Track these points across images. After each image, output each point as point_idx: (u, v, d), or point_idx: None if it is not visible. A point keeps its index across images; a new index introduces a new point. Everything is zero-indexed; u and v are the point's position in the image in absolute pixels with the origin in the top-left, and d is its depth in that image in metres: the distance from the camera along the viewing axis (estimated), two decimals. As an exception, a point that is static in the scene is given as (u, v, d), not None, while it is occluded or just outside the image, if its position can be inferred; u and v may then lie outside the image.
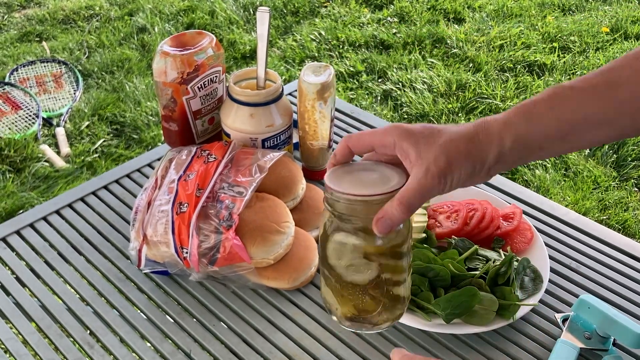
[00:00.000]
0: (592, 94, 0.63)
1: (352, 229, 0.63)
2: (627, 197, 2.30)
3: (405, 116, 2.73)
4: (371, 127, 1.27)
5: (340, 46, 3.23)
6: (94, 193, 1.11)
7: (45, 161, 2.49)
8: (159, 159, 1.18)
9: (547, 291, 0.93)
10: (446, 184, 0.62)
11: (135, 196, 1.10)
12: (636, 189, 2.36)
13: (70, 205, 1.09)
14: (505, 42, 3.22)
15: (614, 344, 0.85)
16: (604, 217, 2.22)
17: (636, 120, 0.63)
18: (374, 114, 1.97)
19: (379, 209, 0.61)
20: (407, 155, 0.63)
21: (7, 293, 0.94)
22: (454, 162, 0.62)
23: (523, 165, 2.46)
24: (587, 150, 2.51)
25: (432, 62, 3.08)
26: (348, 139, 0.67)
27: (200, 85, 1.02)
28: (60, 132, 2.63)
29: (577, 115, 0.63)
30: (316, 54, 3.17)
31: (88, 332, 0.89)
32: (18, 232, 1.04)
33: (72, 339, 0.88)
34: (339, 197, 0.62)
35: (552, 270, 0.96)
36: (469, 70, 3.02)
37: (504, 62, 3.07)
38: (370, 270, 0.63)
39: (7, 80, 2.90)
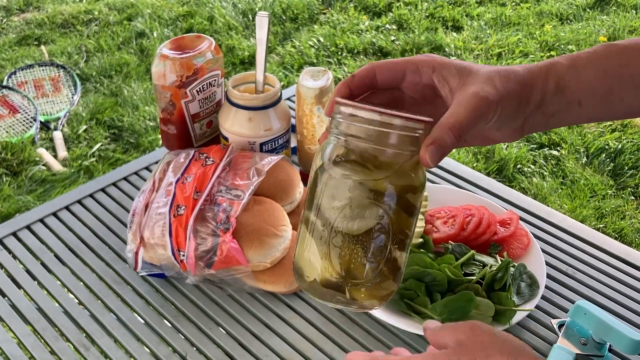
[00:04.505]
0: None
1: (361, 159, 0.52)
2: (624, 206, 2.31)
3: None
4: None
5: (339, 53, 3.24)
6: (91, 195, 1.11)
7: (43, 165, 2.49)
8: (156, 162, 1.18)
9: (543, 297, 0.93)
10: (494, 113, 0.57)
11: (132, 199, 1.10)
12: (633, 198, 2.36)
13: (67, 208, 1.08)
14: (503, 50, 3.23)
15: (610, 350, 0.85)
16: (601, 225, 2.22)
17: None
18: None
19: (400, 140, 0.53)
20: (447, 82, 0.58)
21: (3, 295, 0.94)
22: (503, 92, 0.57)
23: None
24: (585, 158, 2.52)
25: (430, 70, 3.09)
26: (374, 63, 0.59)
27: (199, 88, 1.02)
28: (57, 135, 2.63)
29: (625, 71, 0.61)
30: (315, 61, 3.17)
31: (84, 334, 0.88)
32: (15, 234, 1.04)
33: (68, 342, 0.87)
34: (358, 114, 0.51)
35: (549, 276, 0.96)
36: (467, 78, 3.03)
37: (501, 70, 3.08)
38: (373, 215, 0.52)
39: (5, 83, 2.90)
